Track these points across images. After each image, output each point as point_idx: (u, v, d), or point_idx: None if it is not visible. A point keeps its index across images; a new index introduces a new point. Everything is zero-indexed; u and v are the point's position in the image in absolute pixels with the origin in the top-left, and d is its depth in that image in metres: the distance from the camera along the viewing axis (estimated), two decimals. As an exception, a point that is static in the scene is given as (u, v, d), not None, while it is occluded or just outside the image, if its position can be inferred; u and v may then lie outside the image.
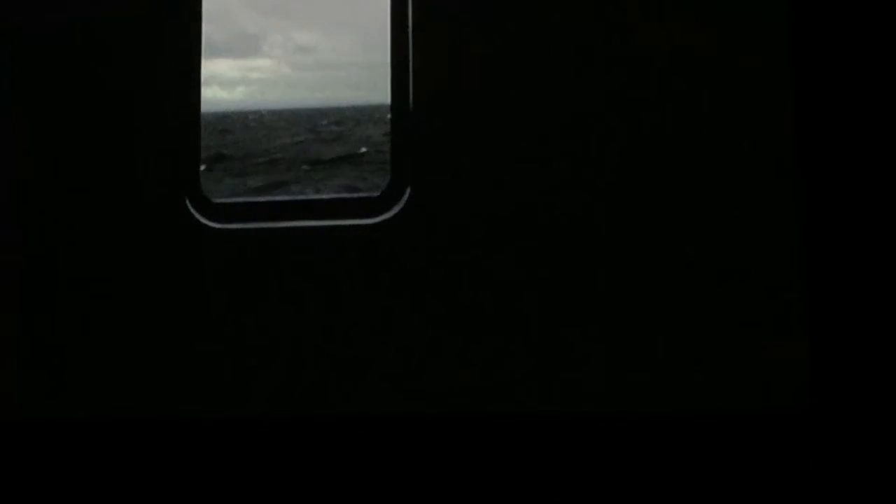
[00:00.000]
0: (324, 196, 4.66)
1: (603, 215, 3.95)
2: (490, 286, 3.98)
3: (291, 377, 4.03)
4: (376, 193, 4.20)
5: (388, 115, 4.21)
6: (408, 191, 4.05)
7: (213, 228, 4.10)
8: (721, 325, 3.89)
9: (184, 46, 4.19)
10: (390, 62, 4.16)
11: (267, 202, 4.34)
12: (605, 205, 3.95)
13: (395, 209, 4.06)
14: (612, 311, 3.94)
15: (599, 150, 3.95)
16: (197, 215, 4.12)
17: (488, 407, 3.97)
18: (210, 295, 4.08)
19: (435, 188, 4.03)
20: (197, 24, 4.24)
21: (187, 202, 4.13)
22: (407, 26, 4.13)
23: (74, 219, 4.14)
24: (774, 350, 3.87)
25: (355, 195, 5.28)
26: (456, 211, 4.00)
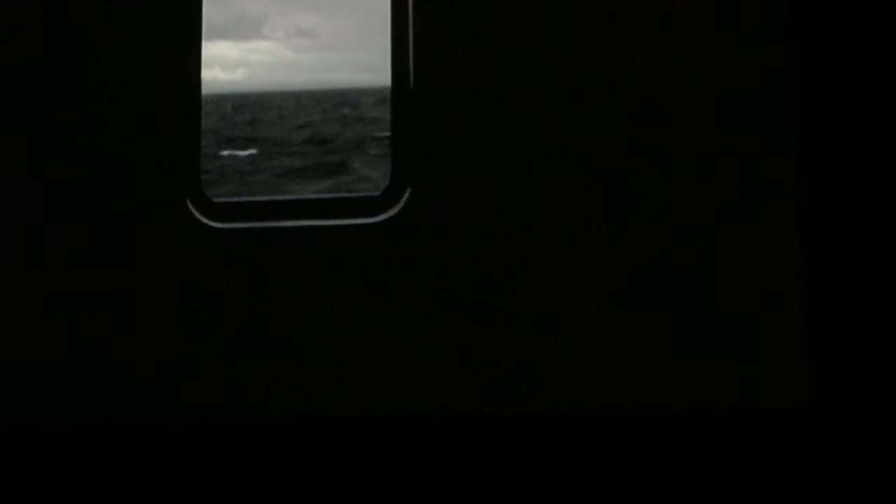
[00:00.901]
0: (324, 195, 4.67)
1: (603, 214, 3.94)
2: (490, 285, 3.97)
3: (291, 377, 4.02)
4: (377, 192, 4.19)
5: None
6: (408, 191, 4.05)
7: (214, 228, 4.09)
8: (721, 324, 3.88)
9: (184, 44, 4.15)
10: (391, 60, 4.14)
11: (267, 201, 4.32)
12: (605, 203, 3.94)
13: (396, 209, 4.05)
14: (611, 311, 3.93)
15: (600, 147, 3.94)
16: (197, 214, 4.10)
17: (488, 407, 3.97)
18: (210, 294, 4.07)
19: (435, 188, 4.02)
20: (197, 26, 4.20)
21: (188, 202, 4.12)
22: (408, 24, 4.11)
23: (73, 218, 4.12)
24: (774, 350, 3.86)
25: (356, 194, 5.27)
26: (456, 210, 3.99)
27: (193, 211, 4.10)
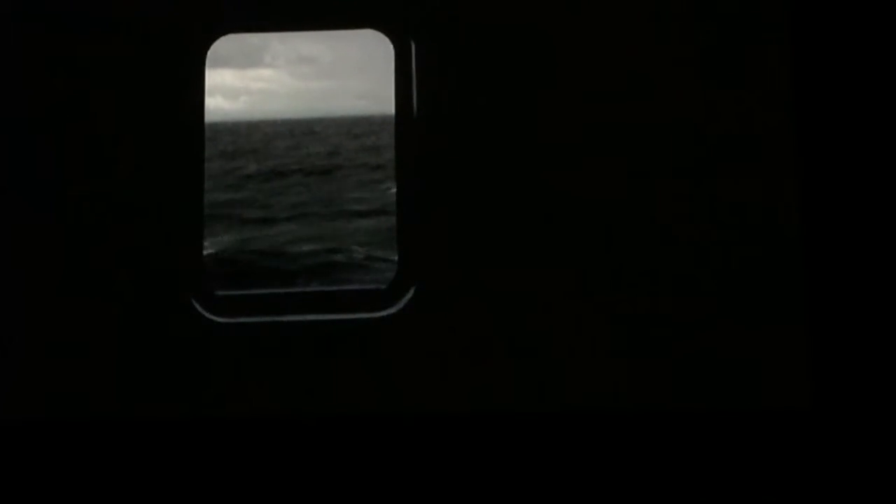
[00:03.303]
0: (329, 288, 4.63)
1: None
2: (494, 362, 3.98)
3: (299, 466, 4.02)
4: (383, 286, 4.18)
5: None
6: (413, 287, 4.02)
7: (218, 323, 4.04)
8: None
9: (188, 141, 4.07)
10: (395, 157, 4.17)
11: (271, 294, 4.29)
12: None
13: (401, 304, 4.02)
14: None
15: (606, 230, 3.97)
16: (201, 310, 4.05)
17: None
18: (215, 389, 4.03)
19: (440, 283, 4.00)
20: (200, 130, 4.12)
21: (191, 297, 4.05)
22: (411, 112, 4.09)
23: (84, 309, 4.02)
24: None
25: (361, 287, 5.23)
26: (462, 305, 3.98)
27: (197, 306, 4.04)
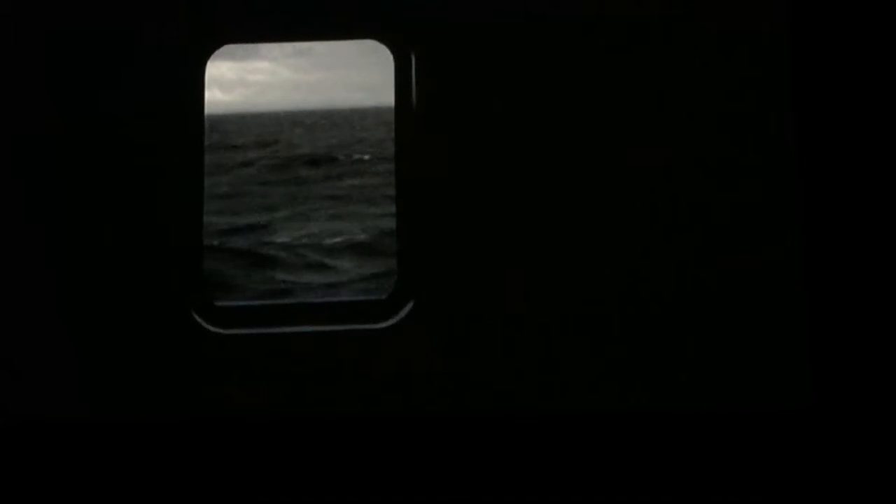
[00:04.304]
0: (329, 299, 4.62)
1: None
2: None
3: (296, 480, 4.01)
4: (383, 296, 4.17)
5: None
6: (413, 298, 4.02)
7: (217, 334, 4.03)
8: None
9: (187, 153, 4.06)
10: (395, 169, 4.18)
11: (270, 305, 4.26)
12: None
13: (401, 314, 4.02)
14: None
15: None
16: (200, 321, 4.04)
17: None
18: (214, 400, 4.03)
19: (440, 292, 4.00)
20: (200, 141, 4.11)
21: (190, 308, 4.03)
22: (412, 123, 4.08)
23: (83, 318, 4.02)
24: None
25: (360, 298, 5.22)
26: (461, 312, 3.99)
27: (196, 317, 4.03)
